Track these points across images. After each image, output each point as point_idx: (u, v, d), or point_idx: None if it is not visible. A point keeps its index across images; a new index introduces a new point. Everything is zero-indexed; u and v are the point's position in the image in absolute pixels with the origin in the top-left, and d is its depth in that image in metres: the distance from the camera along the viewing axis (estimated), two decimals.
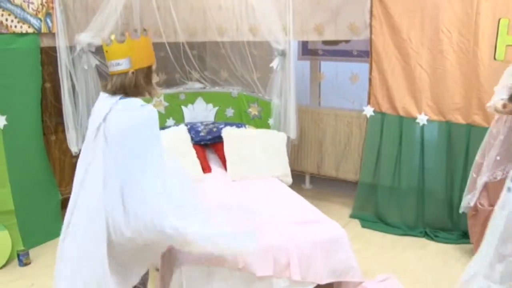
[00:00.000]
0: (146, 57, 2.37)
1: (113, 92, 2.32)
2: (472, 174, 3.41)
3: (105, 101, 2.31)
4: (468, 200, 3.41)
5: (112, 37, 2.34)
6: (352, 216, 4.33)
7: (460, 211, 3.52)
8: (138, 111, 2.27)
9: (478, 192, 3.31)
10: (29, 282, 3.29)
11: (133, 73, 2.31)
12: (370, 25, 4.02)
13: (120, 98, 2.30)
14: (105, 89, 2.34)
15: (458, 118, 3.75)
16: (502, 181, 2.92)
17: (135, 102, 2.31)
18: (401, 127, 4.00)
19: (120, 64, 2.31)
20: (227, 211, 3.16)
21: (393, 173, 4.06)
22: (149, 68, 2.37)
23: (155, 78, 2.43)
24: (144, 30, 2.49)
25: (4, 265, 3.49)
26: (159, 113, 4.48)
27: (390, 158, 4.07)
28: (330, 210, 3.62)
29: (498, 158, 3.17)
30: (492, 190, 3.21)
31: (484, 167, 3.26)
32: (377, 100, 4.10)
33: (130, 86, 2.31)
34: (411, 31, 3.82)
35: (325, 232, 2.93)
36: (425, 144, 3.92)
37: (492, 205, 3.20)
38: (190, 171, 3.71)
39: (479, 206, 3.31)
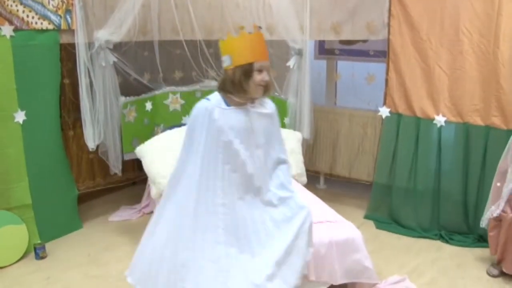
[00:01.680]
0: (248, 53, 2.26)
1: (218, 89, 2.40)
2: (496, 183, 3.22)
3: None
4: (492, 211, 3.16)
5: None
6: (367, 217, 4.30)
7: (483, 224, 3.28)
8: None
9: (504, 201, 3.11)
10: (45, 275, 3.33)
11: (232, 70, 2.27)
12: (388, 25, 3.97)
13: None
14: None
15: (477, 120, 3.69)
16: None
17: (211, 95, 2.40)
18: (418, 128, 3.95)
19: (224, 61, 2.30)
20: None
21: (409, 175, 4.02)
22: (250, 65, 2.26)
23: (261, 77, 2.28)
24: (259, 27, 2.36)
25: (21, 258, 3.53)
26: (176, 111, 4.55)
27: (406, 159, 4.02)
28: (344, 211, 3.59)
29: None
30: None
31: (509, 173, 3.08)
32: (393, 101, 4.06)
33: (228, 83, 2.30)
34: (431, 31, 3.77)
35: (341, 232, 2.91)
36: (442, 146, 3.87)
37: None
38: None
39: (502, 213, 3.13)
